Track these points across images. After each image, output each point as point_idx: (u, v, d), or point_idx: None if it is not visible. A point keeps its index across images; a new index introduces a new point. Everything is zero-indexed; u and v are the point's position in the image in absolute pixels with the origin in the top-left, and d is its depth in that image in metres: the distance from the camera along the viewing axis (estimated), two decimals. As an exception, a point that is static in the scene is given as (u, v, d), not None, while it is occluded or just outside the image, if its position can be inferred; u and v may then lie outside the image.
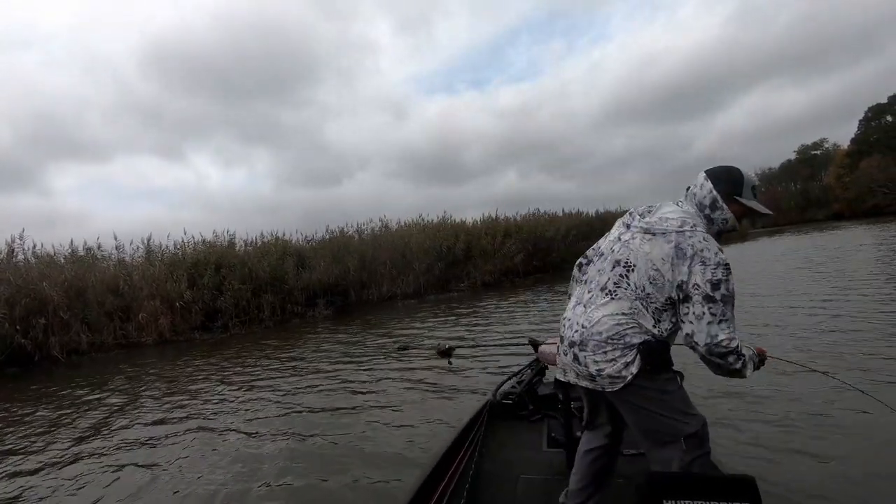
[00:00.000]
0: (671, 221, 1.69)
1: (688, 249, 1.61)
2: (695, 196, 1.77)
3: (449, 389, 5.05)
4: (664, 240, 1.66)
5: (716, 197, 1.73)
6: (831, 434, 3.16)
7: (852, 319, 6.06)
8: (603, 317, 1.66)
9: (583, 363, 1.67)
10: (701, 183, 1.77)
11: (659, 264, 1.64)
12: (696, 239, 1.62)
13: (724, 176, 1.77)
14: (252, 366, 7.43)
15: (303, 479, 3.30)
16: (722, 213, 1.73)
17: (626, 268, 1.70)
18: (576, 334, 1.71)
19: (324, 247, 15.54)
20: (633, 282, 1.67)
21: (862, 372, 4.13)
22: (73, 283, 10.77)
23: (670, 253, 1.63)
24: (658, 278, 1.64)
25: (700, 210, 1.74)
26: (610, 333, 1.63)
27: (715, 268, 1.57)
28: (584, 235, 21.49)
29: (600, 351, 1.63)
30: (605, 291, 1.72)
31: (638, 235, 1.74)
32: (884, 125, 53.75)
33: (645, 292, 1.65)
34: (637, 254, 1.70)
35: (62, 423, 5.32)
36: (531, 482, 2.22)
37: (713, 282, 1.56)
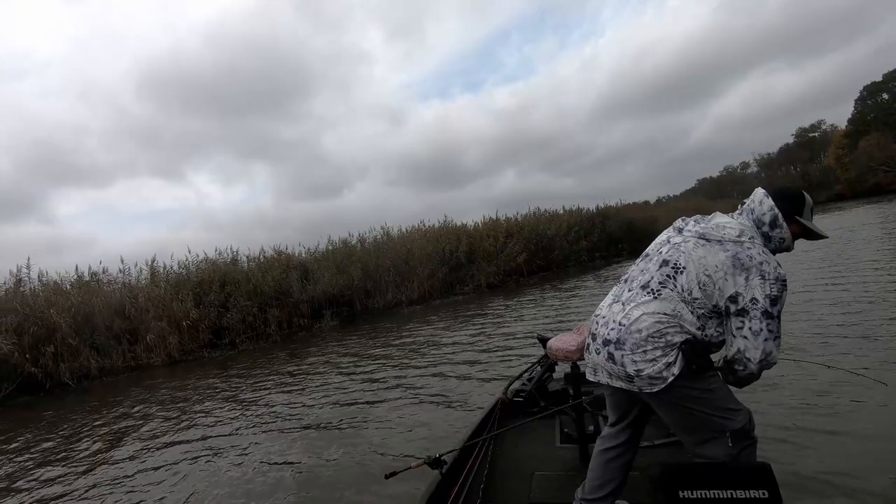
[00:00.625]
0: (728, 230, 1.65)
1: (746, 261, 1.57)
2: (752, 212, 1.72)
3: (459, 391, 5.07)
4: (720, 248, 1.62)
5: (777, 215, 1.67)
6: (841, 416, 3.15)
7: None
8: (643, 314, 1.61)
9: (619, 362, 1.62)
10: (760, 199, 1.72)
11: (712, 271, 1.60)
12: (755, 251, 1.59)
13: (786, 195, 1.73)
14: (261, 381, 7.45)
15: (324, 487, 3.33)
16: (781, 232, 1.68)
17: (674, 269, 1.66)
18: (612, 332, 1.66)
19: (327, 258, 15.57)
20: (680, 283, 1.63)
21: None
22: (79, 309, 10.81)
23: (727, 262, 1.59)
24: (709, 284, 1.59)
25: (758, 226, 1.69)
26: (651, 332, 1.58)
27: (774, 282, 1.54)
28: (586, 232, 21.48)
29: (639, 350, 1.58)
30: (647, 290, 1.67)
31: (691, 239, 1.69)
32: (880, 103, 53.50)
33: (692, 296, 1.61)
34: (689, 257, 1.65)
35: (76, 450, 5.35)
36: (545, 478, 2.23)
37: (772, 297, 1.53)
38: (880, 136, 47.60)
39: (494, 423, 2.77)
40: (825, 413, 3.22)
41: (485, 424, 2.75)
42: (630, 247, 23.59)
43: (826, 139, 64.02)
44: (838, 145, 55.47)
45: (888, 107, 52.12)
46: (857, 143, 50.93)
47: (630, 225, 24.17)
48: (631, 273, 1.81)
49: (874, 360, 3.96)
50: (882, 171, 46.59)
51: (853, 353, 4.24)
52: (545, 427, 2.74)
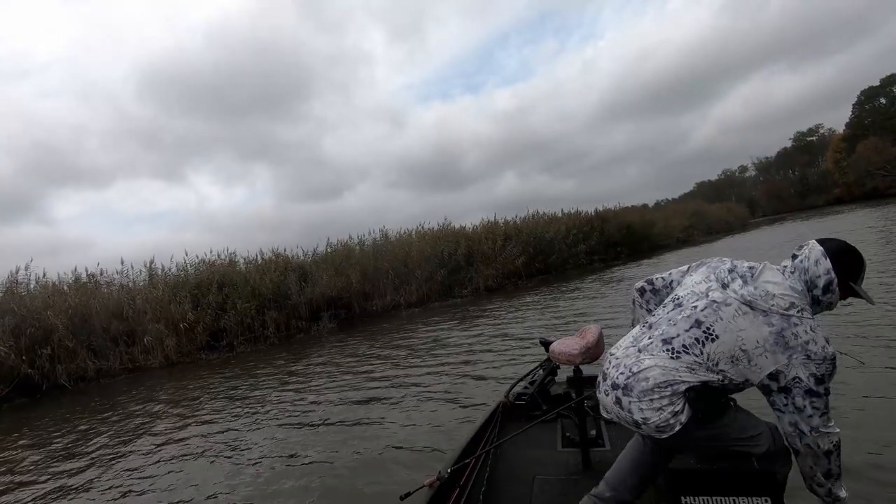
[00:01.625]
0: (778, 300, 1.51)
1: (791, 339, 1.46)
2: (806, 271, 1.57)
3: (460, 394, 5.03)
4: (765, 320, 1.50)
5: (833, 280, 1.54)
6: (846, 410, 3.15)
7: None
8: (654, 365, 1.54)
9: (626, 408, 1.56)
10: (817, 259, 1.56)
11: (750, 346, 1.49)
12: (803, 328, 1.47)
13: (846, 259, 1.57)
14: (259, 384, 7.42)
15: (322, 492, 3.30)
16: (831, 297, 1.56)
17: (706, 334, 1.54)
18: (620, 376, 1.59)
19: (325, 260, 15.56)
20: (707, 352, 1.53)
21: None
22: (77, 311, 10.79)
23: (769, 339, 1.48)
24: (742, 359, 1.50)
25: (809, 288, 1.56)
26: (657, 381, 1.52)
27: (821, 363, 1.45)
28: (585, 235, 21.48)
29: (646, 398, 1.52)
30: (668, 346, 1.57)
31: (734, 303, 1.55)
32: (878, 107, 53.79)
33: (718, 367, 1.52)
34: (727, 326, 1.53)
35: (71, 451, 5.32)
36: (547, 483, 2.21)
37: (817, 376, 1.45)
38: (878, 140, 47.82)
39: (496, 427, 2.76)
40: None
41: (486, 428, 2.74)
42: (628, 250, 23.63)
43: (824, 143, 64.28)
44: (836, 149, 55.69)
45: (885, 111, 52.39)
46: (854, 147, 51.15)
47: (629, 228, 24.18)
48: (658, 318, 1.69)
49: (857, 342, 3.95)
50: (880, 175, 46.76)
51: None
52: (547, 431, 2.72)
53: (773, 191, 68.36)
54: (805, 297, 1.54)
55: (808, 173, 63.98)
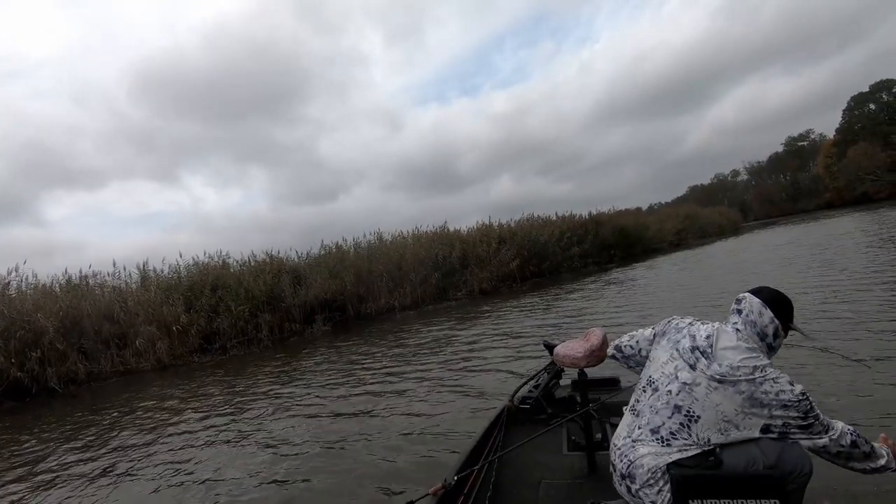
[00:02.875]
0: (742, 369, 1.63)
1: (762, 398, 1.59)
2: (754, 324, 1.73)
3: (464, 397, 4.98)
4: (735, 390, 1.62)
5: (778, 326, 1.72)
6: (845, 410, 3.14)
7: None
8: (648, 454, 1.68)
9: (636, 495, 1.69)
10: (759, 310, 1.73)
11: (731, 415, 1.62)
12: (769, 384, 1.60)
13: (781, 304, 1.75)
14: (252, 387, 7.35)
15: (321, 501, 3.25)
16: (780, 341, 1.75)
17: (688, 417, 1.67)
18: (624, 467, 1.73)
19: (319, 263, 15.49)
20: (695, 433, 1.65)
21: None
22: (68, 313, 10.67)
23: (744, 404, 1.61)
24: (729, 428, 1.63)
25: (761, 338, 1.72)
26: (650, 467, 1.66)
27: (797, 403, 1.58)
28: (579, 239, 21.54)
29: (646, 485, 1.65)
30: (657, 436, 1.70)
31: (703, 381, 1.67)
32: (867, 113, 54.38)
33: (710, 442, 1.64)
34: (704, 404, 1.66)
35: (58, 455, 5.23)
36: (553, 486, 2.19)
37: (801, 414, 1.58)
38: (868, 146, 48.37)
39: (501, 431, 2.73)
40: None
41: (491, 432, 2.71)
42: (622, 253, 23.71)
43: (815, 148, 64.94)
44: (827, 154, 56.27)
45: (875, 116, 53.01)
46: (845, 152, 51.68)
47: (622, 231, 24.29)
48: (641, 405, 1.81)
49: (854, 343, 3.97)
50: (870, 179, 47.26)
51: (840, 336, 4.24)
52: (552, 435, 2.70)
53: (764, 195, 68.92)
54: (761, 350, 1.70)
55: (800, 178, 64.64)
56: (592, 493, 2.11)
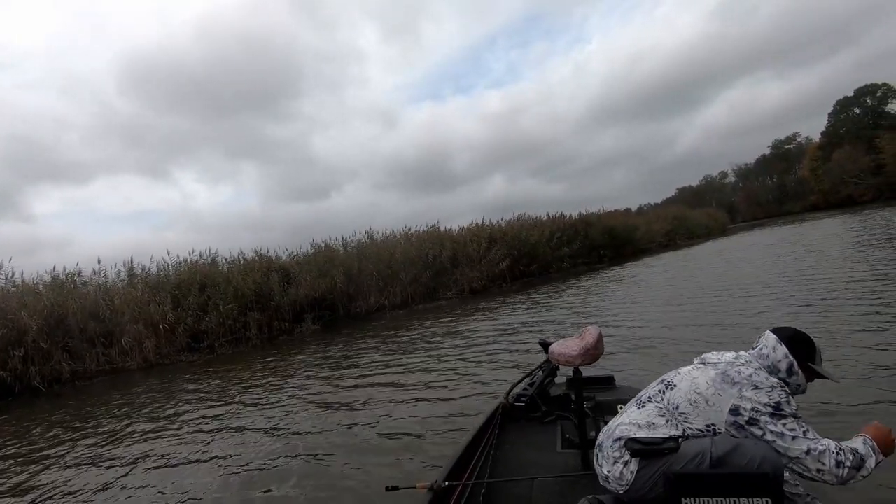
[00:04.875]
0: (727, 355, 1.73)
1: (735, 376, 1.61)
2: (766, 358, 1.70)
3: (458, 395, 4.97)
4: (712, 367, 1.69)
5: (792, 363, 1.67)
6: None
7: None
8: (620, 424, 1.72)
9: (599, 464, 1.73)
10: (773, 346, 1.70)
11: (703, 388, 1.64)
12: (744, 368, 1.64)
13: (798, 343, 1.71)
14: (240, 386, 7.28)
15: (308, 492, 3.21)
16: (797, 379, 1.68)
17: (667, 385, 1.74)
18: (602, 435, 1.78)
19: (309, 261, 15.41)
20: (667, 398, 1.70)
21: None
22: (52, 311, 10.50)
23: (716, 378, 1.64)
24: (699, 402, 1.63)
25: (773, 373, 1.68)
26: (617, 436, 1.68)
27: (770, 390, 1.56)
28: (569, 239, 21.62)
29: (609, 456, 1.68)
30: (637, 402, 1.79)
31: (694, 365, 1.79)
32: (852, 117, 55.18)
33: (678, 410, 1.66)
34: (683, 378, 1.73)
35: (42, 456, 5.14)
36: (547, 484, 2.19)
37: (773, 403, 1.54)
38: (852, 149, 49.06)
39: (495, 428, 2.73)
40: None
41: (485, 429, 2.71)
42: (611, 253, 23.84)
43: (801, 151, 65.72)
44: (812, 157, 56.98)
45: (859, 120, 53.80)
46: (830, 155, 52.39)
47: (612, 232, 24.41)
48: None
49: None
50: (854, 182, 47.96)
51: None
52: (547, 432, 2.70)
53: (751, 197, 69.73)
54: (762, 369, 1.68)
55: (786, 180, 65.46)
56: (586, 490, 2.10)
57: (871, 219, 21.96)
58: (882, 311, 5.53)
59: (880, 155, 46.12)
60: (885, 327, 4.89)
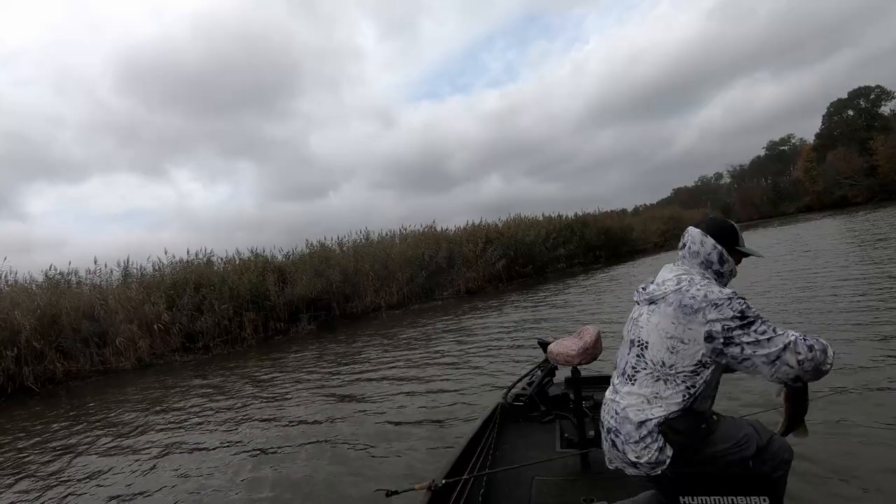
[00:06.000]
0: (668, 284, 1.68)
1: (692, 303, 1.57)
2: (697, 255, 1.74)
3: (457, 395, 4.95)
4: (665, 304, 1.64)
5: (722, 251, 1.72)
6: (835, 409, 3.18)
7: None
8: (628, 405, 1.65)
9: (620, 450, 1.65)
10: (700, 239, 1.74)
11: (671, 330, 1.60)
12: (694, 289, 1.59)
13: (721, 230, 1.76)
14: (235, 386, 7.25)
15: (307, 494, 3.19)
16: (729, 266, 1.74)
17: (640, 347, 1.69)
18: (612, 420, 1.70)
19: (305, 261, 15.36)
20: (649, 359, 1.64)
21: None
22: (45, 311, 10.42)
23: (677, 314, 1.59)
24: (677, 345, 1.58)
25: (707, 266, 1.72)
26: (637, 420, 1.61)
27: (729, 302, 1.53)
28: (565, 239, 21.64)
29: (632, 440, 1.61)
30: (625, 377, 1.72)
31: (644, 310, 1.73)
32: (846, 119, 55.48)
33: (665, 365, 1.60)
34: (647, 329, 1.68)
35: (30, 462, 5.10)
36: (545, 483, 2.19)
37: (736, 314, 1.51)
38: (846, 151, 49.34)
39: (494, 428, 2.72)
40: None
41: (484, 429, 2.70)
42: (607, 254, 23.87)
43: (795, 152, 66.03)
44: (807, 158, 57.21)
45: (853, 122, 54.10)
46: (824, 156, 52.65)
47: (607, 233, 24.45)
48: (617, 359, 1.84)
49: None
50: (848, 184, 48.22)
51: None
52: (545, 432, 2.70)
53: (746, 198, 69.97)
54: (695, 271, 1.71)
55: (780, 181, 65.72)
56: (585, 490, 2.10)
57: (866, 220, 22.08)
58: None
59: (873, 157, 46.43)
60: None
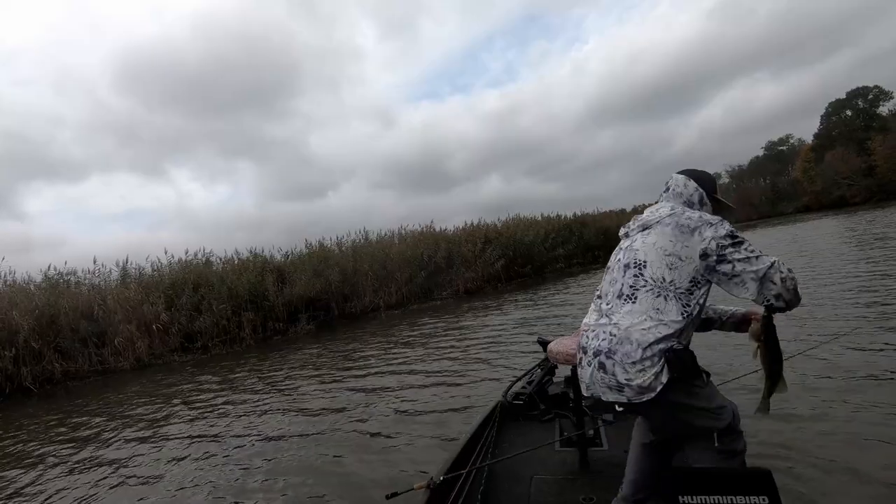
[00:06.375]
0: (661, 211, 1.77)
1: (688, 222, 1.66)
2: (680, 195, 1.84)
3: (456, 393, 4.95)
4: (661, 226, 1.71)
5: (702, 194, 1.82)
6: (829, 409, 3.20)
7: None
8: (629, 326, 1.63)
9: (610, 372, 1.63)
10: (684, 182, 1.85)
11: (670, 248, 1.65)
12: (689, 213, 1.70)
13: (702, 177, 1.88)
14: (235, 388, 7.24)
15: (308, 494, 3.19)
16: (708, 208, 1.82)
17: (637, 267, 1.71)
18: (602, 343, 1.67)
19: (303, 261, 15.35)
20: (649, 276, 1.67)
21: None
22: (44, 311, 10.41)
23: (675, 232, 1.66)
24: (675, 262, 1.64)
25: (689, 206, 1.80)
26: (639, 341, 1.59)
27: (720, 222, 1.63)
28: (563, 240, 21.66)
29: (629, 361, 1.59)
30: (623, 297, 1.70)
31: (637, 235, 1.79)
32: (844, 119, 55.59)
33: (666, 281, 1.64)
34: (644, 249, 1.72)
35: (30, 461, 5.08)
36: (545, 482, 2.19)
37: (729, 232, 1.60)
38: (844, 151, 49.43)
39: (494, 427, 2.73)
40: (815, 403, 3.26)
41: (484, 427, 2.70)
42: (606, 254, 23.85)
43: (794, 152, 66.11)
44: (805, 158, 57.30)
45: (851, 123, 54.20)
46: (822, 157, 52.74)
47: (606, 233, 24.46)
48: (603, 289, 1.87)
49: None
50: (846, 184, 48.31)
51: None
52: (545, 431, 2.70)
53: (745, 198, 69.98)
54: (685, 208, 1.77)
55: (779, 181, 65.77)
56: (584, 488, 2.10)
57: (863, 220, 22.12)
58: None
59: (872, 157, 46.52)
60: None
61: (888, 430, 2.89)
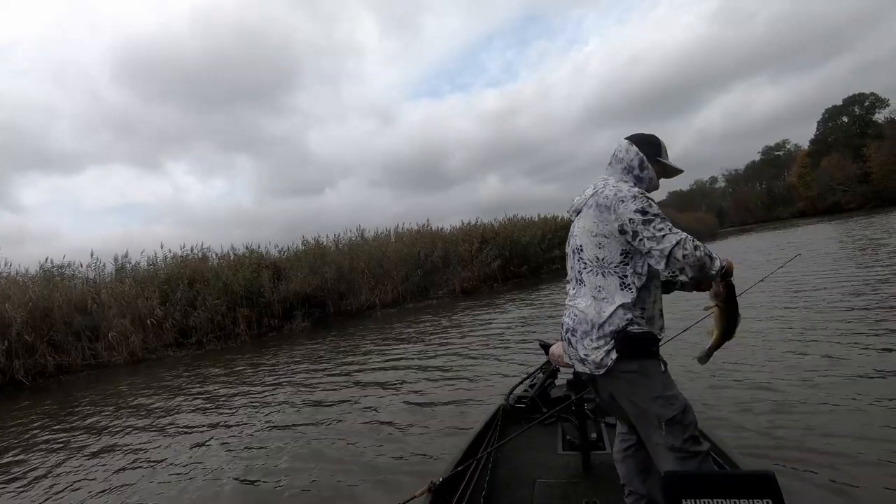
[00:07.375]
0: (587, 191, 1.86)
1: (605, 201, 1.73)
2: (621, 161, 1.89)
3: (458, 397, 4.90)
4: (587, 208, 1.81)
5: (643, 158, 1.86)
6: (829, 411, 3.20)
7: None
8: (585, 307, 1.77)
9: (574, 346, 1.79)
10: (626, 148, 1.89)
11: (595, 229, 1.76)
12: (608, 190, 1.75)
13: (644, 139, 1.92)
14: (227, 383, 7.20)
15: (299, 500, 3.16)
16: (649, 172, 1.86)
17: (577, 251, 1.85)
18: (569, 321, 1.83)
19: (299, 258, 15.31)
20: (587, 258, 1.79)
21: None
22: (37, 304, 10.33)
23: (596, 213, 1.75)
24: (602, 241, 1.74)
25: (629, 171, 1.86)
26: (592, 320, 1.73)
27: (633, 199, 1.68)
28: (560, 240, 21.67)
29: (587, 338, 1.73)
30: (577, 281, 1.86)
31: (575, 221, 1.91)
32: (840, 125, 55.89)
33: (599, 259, 1.75)
34: (578, 234, 1.85)
35: (16, 458, 5.04)
36: (548, 486, 2.18)
37: (640, 209, 1.66)
38: (839, 158, 49.70)
39: (496, 430, 2.71)
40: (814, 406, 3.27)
41: (486, 431, 2.69)
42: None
43: (790, 157, 66.41)
44: (801, 164, 57.60)
45: (847, 129, 54.50)
46: (818, 162, 53.01)
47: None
48: (568, 274, 1.98)
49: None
50: (841, 190, 48.59)
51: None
52: (547, 434, 2.69)
53: (741, 202, 70.36)
54: (617, 177, 1.85)
55: (775, 186, 66.11)
56: (587, 492, 2.09)
57: (857, 226, 22.23)
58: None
59: (867, 163, 46.78)
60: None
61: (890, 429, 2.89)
